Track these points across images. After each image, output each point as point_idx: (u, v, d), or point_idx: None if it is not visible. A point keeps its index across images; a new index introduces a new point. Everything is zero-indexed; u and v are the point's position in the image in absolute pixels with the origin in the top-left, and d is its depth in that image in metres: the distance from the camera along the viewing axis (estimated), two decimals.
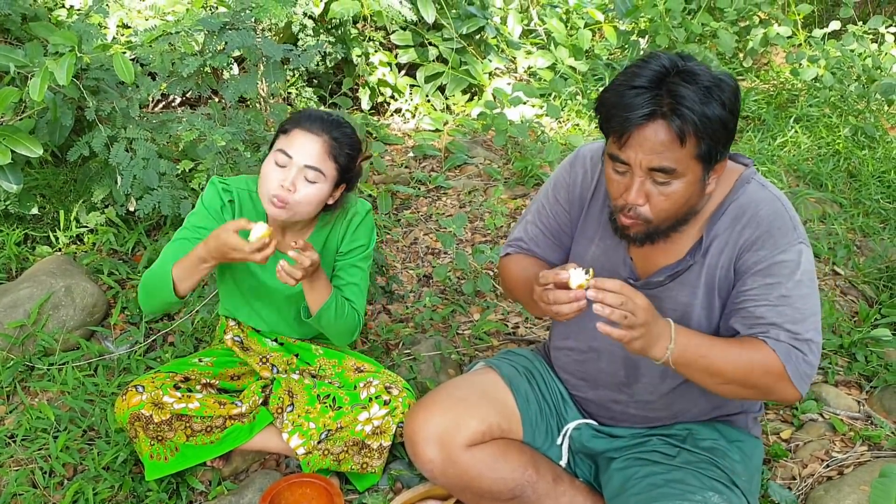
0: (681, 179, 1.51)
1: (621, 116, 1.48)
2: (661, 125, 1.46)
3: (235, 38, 2.64)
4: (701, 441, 1.80)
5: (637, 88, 1.47)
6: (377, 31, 4.55)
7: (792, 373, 1.57)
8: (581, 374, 1.92)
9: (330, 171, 1.97)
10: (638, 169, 1.51)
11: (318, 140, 1.95)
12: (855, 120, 4.52)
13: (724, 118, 1.47)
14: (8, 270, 2.98)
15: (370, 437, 2.06)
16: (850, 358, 2.63)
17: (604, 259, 1.79)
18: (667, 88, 1.45)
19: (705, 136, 1.46)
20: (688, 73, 1.47)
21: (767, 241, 1.60)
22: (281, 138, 1.98)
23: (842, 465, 2.17)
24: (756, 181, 1.67)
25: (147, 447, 2.06)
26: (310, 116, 1.99)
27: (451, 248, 3.15)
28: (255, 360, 2.24)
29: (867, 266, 3.17)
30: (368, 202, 2.20)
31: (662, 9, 4.83)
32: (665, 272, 1.69)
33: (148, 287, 2.01)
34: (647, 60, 1.50)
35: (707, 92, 1.45)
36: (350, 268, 2.16)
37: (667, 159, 1.48)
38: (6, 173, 2.66)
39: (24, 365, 2.56)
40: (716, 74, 1.50)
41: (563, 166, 1.88)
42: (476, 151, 4.19)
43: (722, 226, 1.64)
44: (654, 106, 1.45)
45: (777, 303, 1.58)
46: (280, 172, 1.94)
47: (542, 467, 1.92)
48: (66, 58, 2.37)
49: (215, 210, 2.08)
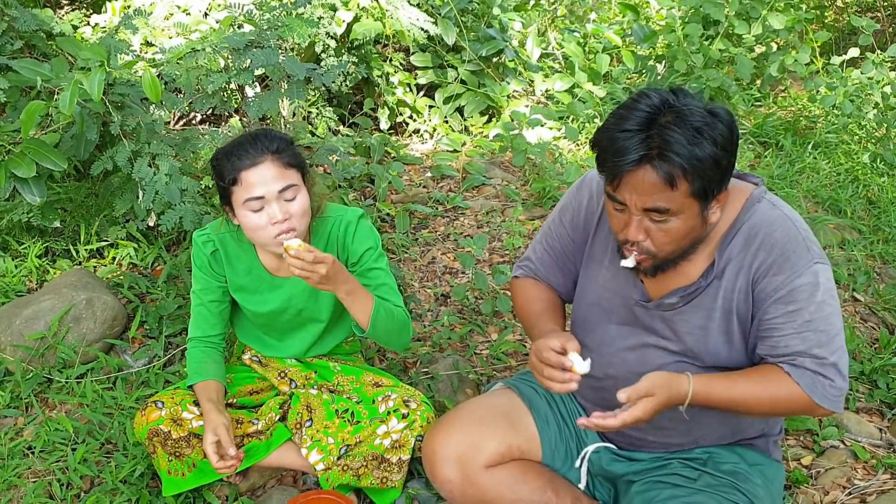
0: (678, 217, 1.51)
1: (612, 161, 1.48)
2: (650, 170, 1.45)
3: (260, 57, 2.67)
4: (722, 464, 1.78)
5: (627, 132, 1.46)
6: (397, 51, 4.59)
7: (820, 399, 1.57)
8: (598, 401, 1.90)
9: (295, 176, 1.95)
10: (634, 208, 1.51)
11: (267, 164, 1.90)
12: (874, 147, 4.51)
13: (716, 156, 1.45)
14: (29, 283, 3.00)
15: (389, 451, 2.05)
16: (871, 385, 2.61)
17: (614, 283, 1.78)
18: (657, 131, 1.44)
19: (696, 176, 1.45)
20: (678, 113, 1.45)
21: (784, 265, 1.58)
22: (236, 190, 1.92)
23: (864, 493, 2.15)
24: (767, 200, 1.66)
25: (165, 463, 2.06)
26: (240, 151, 1.91)
27: (471, 267, 3.15)
28: (273, 375, 2.25)
29: (887, 293, 3.14)
30: (357, 208, 2.16)
31: (680, 34, 4.85)
32: (678, 294, 1.68)
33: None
34: (637, 100, 1.49)
35: (697, 132, 1.43)
36: (370, 272, 2.11)
37: (660, 200, 1.48)
38: (30, 186, 2.69)
39: (43, 377, 2.57)
40: (710, 109, 1.48)
41: (570, 190, 1.88)
42: (494, 172, 4.20)
43: (735, 248, 1.63)
44: (644, 150, 1.44)
45: (801, 329, 1.57)
46: (263, 215, 1.90)
47: (561, 489, 1.91)
48: (95, 72, 2.40)
49: (206, 268, 2.13)
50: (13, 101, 2.85)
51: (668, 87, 1.52)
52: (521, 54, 5.22)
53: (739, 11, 4.91)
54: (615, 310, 1.79)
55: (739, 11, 4.91)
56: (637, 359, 1.77)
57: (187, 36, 3.46)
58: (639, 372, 1.75)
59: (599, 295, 1.81)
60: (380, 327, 2.00)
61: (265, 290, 2.14)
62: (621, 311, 1.78)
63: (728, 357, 1.69)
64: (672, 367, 1.73)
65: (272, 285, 2.13)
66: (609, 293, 1.79)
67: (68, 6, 4.84)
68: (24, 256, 3.07)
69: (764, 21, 4.90)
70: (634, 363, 1.77)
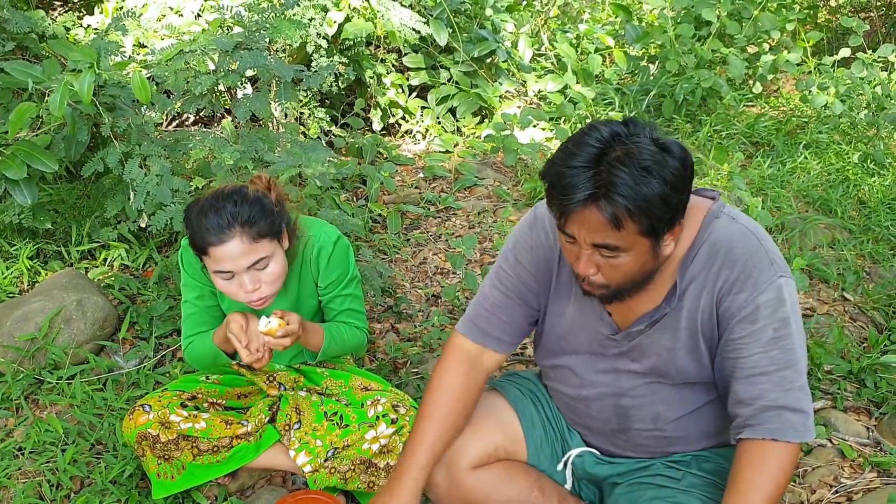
0: (627, 253, 1.48)
1: (559, 199, 1.44)
2: (595, 210, 1.41)
3: (247, 58, 2.67)
4: (705, 463, 1.79)
5: (574, 168, 1.41)
6: (389, 52, 4.60)
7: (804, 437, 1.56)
8: (573, 418, 1.92)
9: (266, 247, 1.92)
10: (583, 243, 1.49)
11: (235, 241, 1.86)
12: (865, 147, 4.53)
13: (665, 195, 1.40)
14: (20, 284, 3.00)
15: (377, 455, 2.05)
16: (859, 384, 2.62)
17: (581, 318, 1.76)
18: (605, 168, 1.39)
19: (644, 216, 1.40)
20: (627, 151, 1.39)
21: (746, 282, 1.55)
22: (206, 259, 1.92)
23: (851, 492, 2.16)
24: (725, 215, 1.61)
25: (154, 466, 2.07)
26: (209, 225, 1.85)
27: (461, 268, 3.16)
28: (262, 379, 2.25)
29: (876, 292, 3.16)
30: (334, 230, 2.15)
31: (672, 35, 4.86)
32: (644, 321, 1.66)
33: (202, 362, 2.18)
34: (587, 133, 1.44)
35: (645, 171, 1.38)
36: (336, 298, 2.16)
37: (608, 238, 1.44)
38: (21, 188, 2.69)
39: (33, 378, 2.58)
40: (661, 144, 1.43)
41: (522, 228, 1.82)
42: (486, 173, 4.21)
43: (696, 268, 1.60)
44: (591, 189, 1.39)
45: (768, 347, 1.55)
46: (233, 283, 1.92)
47: (547, 489, 1.91)
48: (85, 74, 2.40)
49: (197, 273, 2.11)
50: (5, 103, 2.85)
51: (622, 118, 1.48)
52: (514, 55, 5.24)
53: (731, 12, 4.92)
54: (583, 343, 1.78)
55: (731, 12, 4.92)
56: (607, 381, 1.77)
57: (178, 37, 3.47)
58: (610, 393, 1.77)
59: (566, 330, 1.79)
60: (330, 353, 2.13)
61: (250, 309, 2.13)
62: (590, 344, 1.77)
63: (697, 374, 1.68)
64: (642, 388, 1.73)
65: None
66: (576, 328, 1.77)
67: (61, 7, 4.84)
68: (15, 258, 3.07)
69: (756, 21, 4.92)
70: (605, 384, 1.78)
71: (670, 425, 1.76)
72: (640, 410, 1.76)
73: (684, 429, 1.76)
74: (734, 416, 1.62)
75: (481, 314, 1.86)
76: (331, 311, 2.18)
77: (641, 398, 1.74)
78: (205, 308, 2.15)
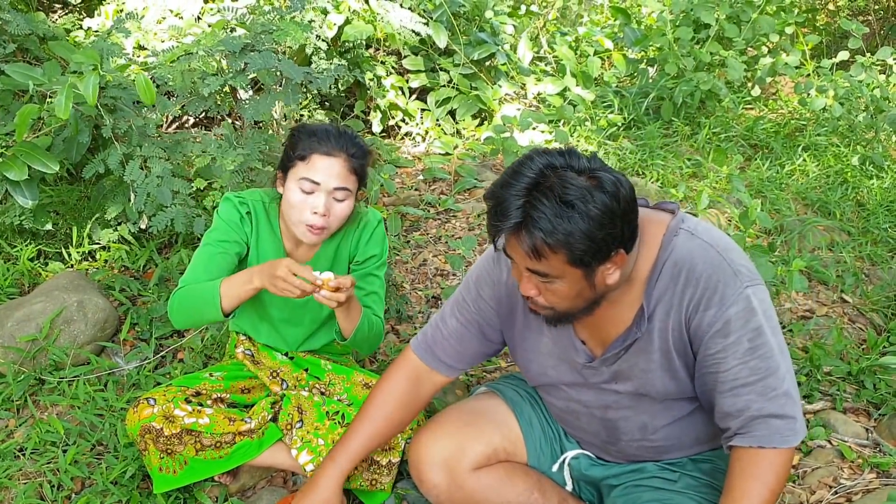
0: (560, 280, 1.49)
1: (493, 223, 1.46)
2: (516, 240, 1.44)
3: (257, 60, 2.68)
4: (702, 464, 1.80)
5: (510, 196, 1.42)
6: (389, 55, 4.61)
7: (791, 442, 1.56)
8: (566, 427, 1.94)
9: (354, 185, 2.04)
10: (522, 268, 1.51)
11: (339, 161, 1.99)
12: (863, 149, 4.54)
13: (589, 231, 1.39)
14: (20, 285, 3.00)
15: (379, 453, 2.06)
16: (858, 385, 2.63)
17: (556, 348, 1.76)
18: (531, 199, 1.41)
19: (565, 249, 1.41)
20: (551, 185, 1.40)
21: (712, 298, 1.54)
22: (299, 165, 1.99)
23: (850, 493, 2.16)
24: (684, 230, 1.59)
25: (156, 460, 2.07)
26: (323, 137, 2.00)
27: (460, 269, 3.16)
28: (265, 374, 2.26)
29: (875, 294, 3.17)
30: (377, 212, 2.25)
31: (671, 37, 4.88)
32: (617, 345, 1.66)
33: (190, 302, 2.00)
34: (522, 163, 1.45)
35: (567, 206, 1.38)
36: (367, 276, 2.20)
37: (537, 265, 1.46)
38: (22, 189, 2.70)
39: (34, 378, 2.58)
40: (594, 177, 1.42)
41: (485, 261, 1.83)
42: (485, 175, 4.22)
43: (661, 288, 1.58)
44: (518, 217, 1.41)
45: (746, 358, 1.54)
46: (309, 199, 1.98)
47: (547, 490, 1.92)
48: (90, 76, 2.41)
49: (234, 223, 2.11)
50: (5, 105, 2.86)
51: (563, 148, 1.49)
52: (513, 58, 5.25)
53: (730, 15, 4.94)
54: (564, 374, 1.78)
55: (730, 15, 4.94)
56: (592, 397, 1.78)
57: (180, 39, 3.48)
58: (596, 406, 1.78)
59: (544, 363, 1.80)
60: (359, 337, 2.10)
61: None
62: (569, 375, 1.77)
63: (678, 391, 1.67)
64: (626, 400, 1.73)
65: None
66: (553, 359, 1.78)
67: (61, 10, 4.85)
68: (15, 259, 3.08)
69: (754, 24, 4.94)
70: (589, 400, 1.78)
71: (658, 434, 1.76)
72: (627, 422, 1.76)
73: (674, 437, 1.76)
74: (723, 427, 1.61)
75: (438, 340, 1.89)
76: (360, 290, 2.18)
77: (626, 410, 1.74)
78: (223, 253, 2.08)
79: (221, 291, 1.95)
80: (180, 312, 2.03)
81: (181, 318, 2.05)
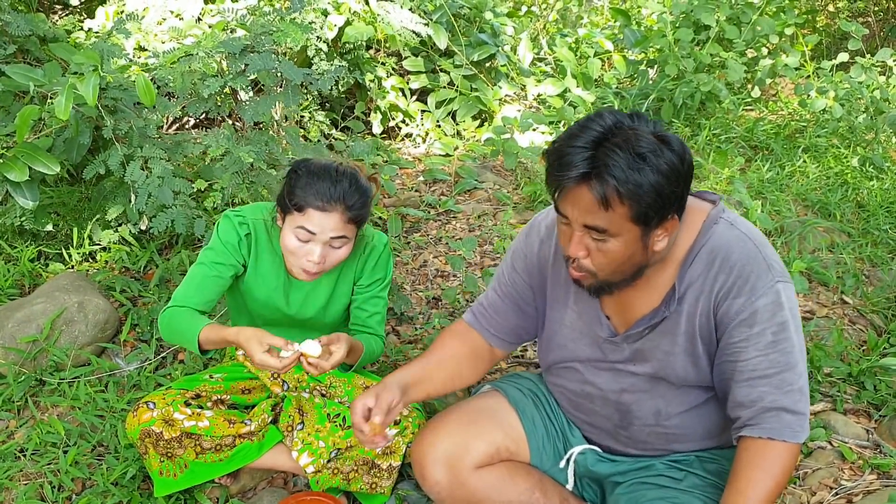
0: (616, 238, 1.50)
1: (555, 175, 1.48)
2: (586, 189, 1.45)
3: (257, 61, 2.68)
4: (709, 464, 1.80)
5: (574, 148, 1.45)
6: (389, 56, 4.61)
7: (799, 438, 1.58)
8: (576, 414, 1.94)
9: (352, 232, 2.01)
10: (575, 224, 1.52)
11: (336, 214, 1.94)
12: (863, 151, 4.54)
13: (658, 185, 1.43)
14: (21, 286, 3.00)
15: (380, 457, 2.06)
16: (858, 386, 2.63)
17: (580, 322, 1.78)
18: (602, 151, 1.43)
19: (634, 202, 1.44)
20: (626, 137, 1.43)
21: (743, 287, 1.57)
22: (296, 215, 1.95)
23: (851, 494, 2.16)
24: (724, 220, 1.64)
25: (157, 463, 2.07)
26: (321, 189, 1.93)
27: (461, 270, 3.16)
28: (266, 375, 2.26)
29: (875, 295, 3.17)
30: (384, 234, 2.25)
31: (671, 39, 4.88)
32: (643, 323, 1.68)
33: (175, 327, 2.02)
34: (591, 119, 1.49)
35: (640, 158, 1.42)
36: (372, 299, 2.21)
37: (598, 219, 1.48)
38: (23, 190, 2.70)
39: (35, 380, 2.58)
40: (661, 137, 1.46)
41: (519, 236, 1.90)
42: (486, 176, 4.22)
43: (695, 272, 1.62)
44: (587, 168, 1.44)
45: (767, 350, 1.57)
46: (305, 246, 1.96)
47: (549, 490, 1.92)
48: (90, 76, 2.41)
49: (232, 245, 2.09)
50: (6, 106, 2.86)
51: (629, 110, 1.52)
52: (513, 59, 5.25)
53: (730, 16, 4.94)
54: (583, 349, 1.80)
55: (730, 16, 4.94)
56: (609, 378, 1.79)
57: (180, 40, 3.48)
58: (612, 390, 1.79)
59: (566, 336, 1.82)
60: (362, 364, 2.15)
61: (281, 288, 2.16)
62: (589, 349, 1.79)
63: (696, 378, 1.70)
64: (643, 384, 1.75)
65: (289, 287, 2.17)
66: (576, 333, 1.80)
67: (62, 11, 4.85)
68: (16, 260, 3.08)
69: (754, 26, 4.94)
70: (606, 382, 1.80)
71: (672, 421, 1.77)
72: (642, 406, 1.77)
73: (686, 425, 1.77)
74: (734, 417, 1.64)
75: (482, 312, 1.95)
76: (363, 311, 2.19)
77: (642, 394, 1.76)
78: (216, 276, 2.07)
79: (201, 337, 1.94)
80: (166, 333, 2.05)
81: (167, 337, 2.07)
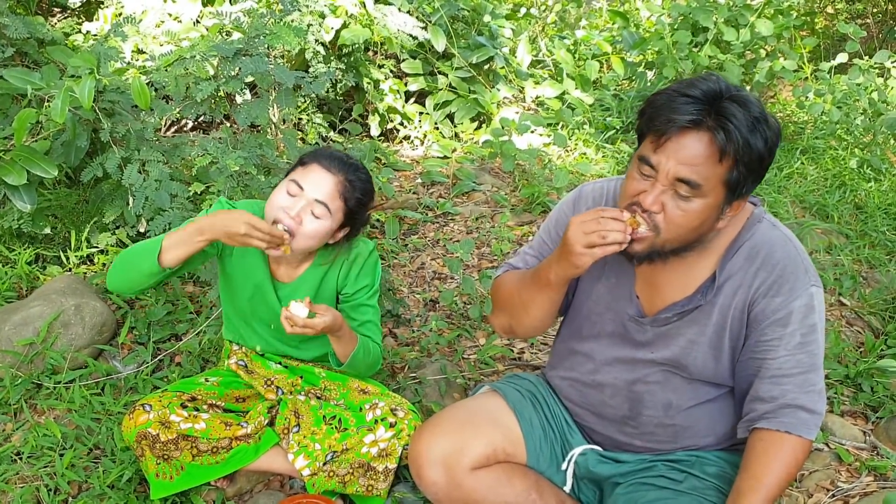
0: (702, 199, 1.50)
1: (666, 117, 1.46)
2: (705, 136, 1.45)
3: (248, 64, 2.69)
4: (708, 467, 1.80)
5: (690, 97, 1.46)
6: (387, 58, 4.61)
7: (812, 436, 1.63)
8: (584, 405, 1.93)
9: (337, 209, 1.98)
10: (664, 177, 1.49)
11: (333, 178, 1.96)
12: (861, 152, 4.55)
13: (762, 153, 1.47)
14: (18, 289, 3.00)
15: (376, 459, 2.06)
16: (855, 388, 2.63)
17: (609, 297, 1.79)
18: (718, 106, 1.45)
19: (742, 162, 1.45)
20: (741, 99, 1.46)
21: (783, 286, 1.61)
22: (297, 169, 1.99)
23: (847, 496, 2.16)
24: (767, 220, 1.68)
25: (153, 466, 2.07)
26: (329, 155, 2.00)
27: (458, 272, 3.16)
28: (259, 383, 2.25)
29: (873, 297, 3.17)
30: (371, 241, 2.22)
31: (670, 41, 4.89)
32: (674, 309, 1.69)
33: (128, 257, 1.93)
34: (704, 78, 1.50)
35: (756, 122, 1.45)
36: (360, 307, 2.17)
37: (696, 173, 1.46)
38: (21, 193, 2.70)
39: (32, 382, 2.58)
40: (765, 111, 1.49)
41: (565, 203, 1.88)
42: (484, 178, 4.22)
43: (736, 265, 1.64)
44: (699, 116, 1.44)
45: (795, 350, 1.62)
46: (289, 201, 1.95)
47: (545, 492, 1.92)
48: (86, 80, 2.41)
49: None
50: (3, 109, 2.86)
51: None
52: (512, 61, 5.25)
53: (728, 18, 4.95)
54: (605, 324, 1.81)
55: (728, 18, 4.95)
56: (623, 367, 1.80)
57: (178, 43, 3.48)
58: (624, 378, 1.78)
59: (591, 309, 1.83)
60: (355, 363, 2.08)
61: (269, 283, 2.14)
62: (612, 325, 1.80)
63: (713, 373, 1.71)
64: (657, 375, 1.76)
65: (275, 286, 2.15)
66: (601, 307, 1.80)
67: (60, 13, 4.85)
68: (14, 263, 3.08)
69: (752, 28, 4.94)
70: (620, 370, 1.80)
71: (681, 414, 1.77)
72: (654, 397, 1.78)
73: (693, 420, 1.78)
74: (749, 410, 1.66)
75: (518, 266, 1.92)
76: (353, 321, 2.15)
77: (655, 385, 1.77)
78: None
79: (164, 243, 1.86)
80: (118, 269, 1.95)
81: (116, 277, 1.95)
